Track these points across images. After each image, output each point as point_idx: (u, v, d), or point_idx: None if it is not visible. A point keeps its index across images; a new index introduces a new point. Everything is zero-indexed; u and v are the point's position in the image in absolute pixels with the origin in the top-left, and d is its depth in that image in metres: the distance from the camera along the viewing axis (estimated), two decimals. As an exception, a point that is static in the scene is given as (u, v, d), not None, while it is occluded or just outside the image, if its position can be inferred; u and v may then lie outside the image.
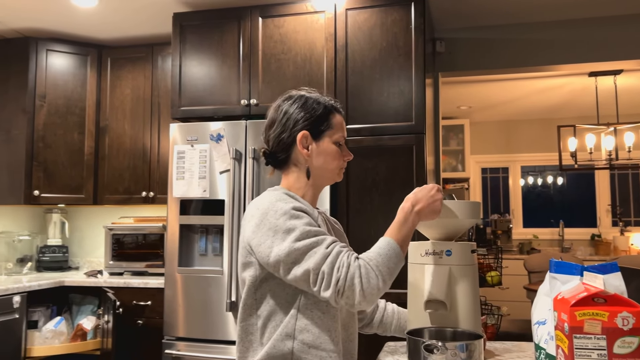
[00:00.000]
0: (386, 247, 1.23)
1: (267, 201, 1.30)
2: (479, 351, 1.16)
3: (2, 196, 3.45)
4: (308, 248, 1.21)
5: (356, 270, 1.17)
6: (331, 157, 1.40)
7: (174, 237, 2.93)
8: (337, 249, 1.21)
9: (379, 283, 1.18)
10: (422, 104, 2.74)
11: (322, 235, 1.24)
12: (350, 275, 1.17)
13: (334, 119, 1.41)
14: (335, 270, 1.17)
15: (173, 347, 2.86)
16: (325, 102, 1.41)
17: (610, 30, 3.39)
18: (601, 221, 6.57)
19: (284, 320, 1.28)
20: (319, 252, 1.20)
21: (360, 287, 1.16)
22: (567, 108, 6.17)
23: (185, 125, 2.98)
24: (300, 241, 1.21)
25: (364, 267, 1.18)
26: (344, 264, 1.18)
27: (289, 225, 1.24)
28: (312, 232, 1.23)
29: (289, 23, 2.99)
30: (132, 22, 3.46)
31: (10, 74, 3.50)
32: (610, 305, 1.03)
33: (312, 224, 1.26)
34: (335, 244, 1.23)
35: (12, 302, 2.88)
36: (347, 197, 2.80)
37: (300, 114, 1.38)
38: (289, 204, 1.27)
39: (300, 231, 1.22)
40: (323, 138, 1.39)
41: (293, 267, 1.21)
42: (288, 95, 1.44)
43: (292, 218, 1.25)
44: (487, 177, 7.04)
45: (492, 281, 3.47)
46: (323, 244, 1.21)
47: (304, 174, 1.40)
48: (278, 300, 1.29)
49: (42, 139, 3.48)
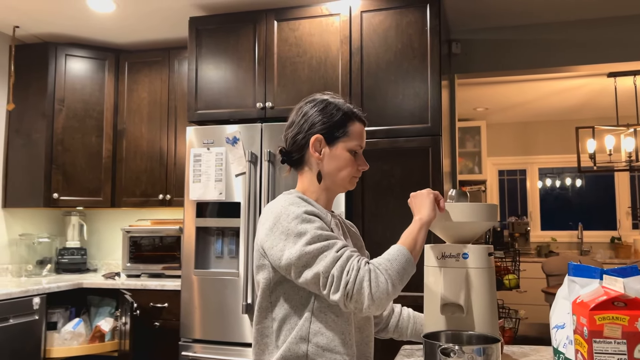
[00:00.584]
0: (396, 252, 1.24)
1: (280, 205, 1.31)
2: (496, 355, 1.15)
3: (23, 199, 3.50)
4: (319, 251, 1.22)
5: (365, 274, 1.18)
6: (343, 164, 1.40)
7: (191, 240, 2.95)
8: (347, 253, 1.22)
9: (388, 287, 1.18)
10: (437, 106, 2.73)
11: (333, 240, 1.24)
12: (359, 279, 1.17)
13: (352, 127, 1.41)
14: (344, 273, 1.18)
15: (189, 349, 2.88)
16: (347, 109, 1.41)
17: (630, 29, 3.34)
18: (621, 224, 6.47)
19: (298, 323, 1.29)
20: (329, 255, 1.21)
21: (369, 290, 1.17)
22: (586, 109, 6.09)
23: (201, 128, 3.00)
24: (311, 245, 1.22)
25: (374, 272, 1.19)
26: (354, 268, 1.18)
27: (301, 228, 1.25)
28: (323, 236, 1.24)
29: (304, 26, 2.99)
30: (148, 27, 3.50)
31: (30, 79, 3.56)
32: (630, 309, 1.01)
33: (323, 227, 1.27)
34: (345, 248, 1.23)
35: (32, 303, 2.92)
36: (362, 200, 2.80)
37: (317, 117, 1.39)
38: (301, 208, 1.28)
39: (312, 235, 1.23)
40: (337, 144, 1.39)
41: (304, 270, 1.23)
42: (312, 98, 1.45)
43: (304, 222, 1.25)
44: (505, 179, 6.97)
45: (509, 284, 3.44)
46: (334, 248, 1.22)
47: (316, 176, 1.41)
48: (292, 303, 1.30)
49: (61, 142, 3.53)
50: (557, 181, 6.88)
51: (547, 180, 6.88)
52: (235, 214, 2.89)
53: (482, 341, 1.26)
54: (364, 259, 1.22)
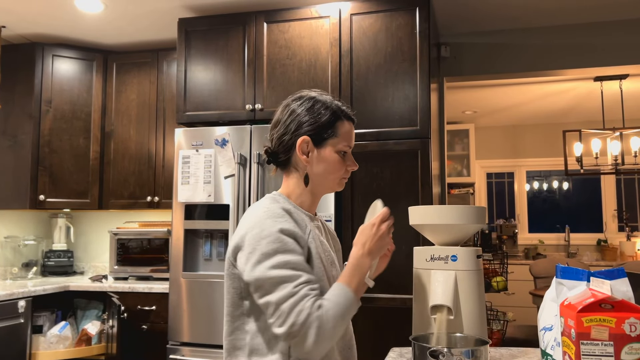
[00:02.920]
0: (344, 296, 1.19)
1: (258, 216, 1.25)
2: (484, 357, 1.15)
3: (8, 201, 3.46)
4: (278, 280, 1.17)
5: (314, 321, 1.13)
6: (332, 166, 1.34)
7: (179, 242, 2.93)
8: (303, 292, 1.16)
9: (333, 333, 1.16)
10: (427, 109, 2.74)
11: (297, 271, 1.19)
12: (307, 325, 1.13)
13: (341, 127, 1.34)
14: (294, 313, 1.14)
15: (178, 352, 2.86)
16: (335, 108, 1.35)
17: (616, 34, 3.38)
18: (607, 226, 6.53)
19: (273, 336, 1.23)
20: (286, 288, 1.16)
21: (313, 338, 1.13)
22: (573, 113, 6.15)
23: (190, 130, 2.99)
24: (273, 270, 1.17)
25: (322, 319, 1.14)
26: (305, 311, 1.14)
27: (269, 249, 1.19)
28: (289, 264, 1.18)
29: (294, 28, 2.99)
30: (137, 28, 3.48)
31: (16, 79, 3.52)
32: (617, 312, 1.02)
33: (295, 251, 1.21)
34: (304, 285, 1.17)
35: (17, 306, 2.88)
36: (351, 202, 2.80)
37: (305, 117, 1.33)
38: (277, 225, 1.22)
39: (277, 259, 1.18)
40: (325, 146, 1.33)
41: (259, 291, 1.19)
42: (299, 95, 1.38)
43: (275, 242, 1.20)
44: (493, 182, 7.02)
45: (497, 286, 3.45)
46: (294, 282, 1.16)
47: (303, 179, 1.35)
48: (262, 313, 1.24)
49: (48, 144, 3.50)
50: (544, 184, 6.93)
51: (535, 183, 6.94)
52: (224, 216, 2.87)
53: (471, 343, 1.26)
54: (318, 302, 1.16)
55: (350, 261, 1.25)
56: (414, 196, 2.70)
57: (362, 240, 1.26)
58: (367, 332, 2.68)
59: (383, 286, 2.69)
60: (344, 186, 1.42)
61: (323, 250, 1.33)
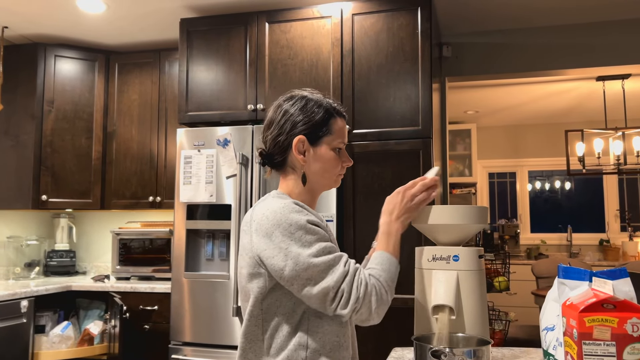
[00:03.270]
0: (387, 262, 1.28)
1: (279, 211, 1.24)
2: (486, 357, 1.15)
3: (11, 201, 3.47)
4: (327, 265, 1.20)
5: (372, 289, 1.21)
6: (329, 164, 1.36)
7: (181, 242, 2.94)
8: (353, 267, 1.23)
9: (389, 298, 1.24)
10: (428, 109, 2.74)
11: (337, 252, 1.25)
12: (368, 294, 1.20)
13: (335, 125, 1.36)
14: (354, 289, 1.20)
15: (179, 352, 2.86)
16: (328, 106, 1.36)
17: (618, 34, 3.37)
18: (610, 226, 6.52)
19: (292, 330, 1.25)
20: (338, 270, 1.21)
21: (376, 305, 1.20)
22: (575, 113, 6.14)
23: (192, 130, 2.99)
24: (318, 257, 1.20)
25: (377, 285, 1.22)
26: (362, 282, 1.21)
27: (306, 240, 1.22)
28: (327, 249, 1.23)
29: (296, 28, 2.99)
30: (139, 28, 3.48)
31: (19, 79, 3.53)
32: (619, 311, 1.02)
33: (326, 238, 1.26)
34: (349, 261, 1.24)
35: (19, 306, 2.89)
36: (353, 202, 2.80)
37: (299, 116, 1.33)
38: (303, 217, 1.24)
39: (318, 247, 1.22)
40: (321, 144, 1.34)
41: (309, 283, 1.20)
42: (290, 95, 1.38)
43: (309, 233, 1.23)
44: (495, 182, 7.01)
45: (499, 287, 3.45)
46: (341, 262, 1.22)
47: (300, 178, 1.36)
48: (285, 309, 1.25)
49: (50, 144, 3.50)
50: (546, 184, 6.92)
51: (537, 183, 6.93)
52: (226, 216, 2.88)
53: (473, 343, 1.26)
54: (366, 271, 1.24)
55: (381, 229, 1.34)
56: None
57: (389, 208, 1.35)
58: (368, 332, 2.68)
59: (385, 286, 2.69)
60: (340, 183, 1.43)
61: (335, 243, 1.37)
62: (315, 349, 1.25)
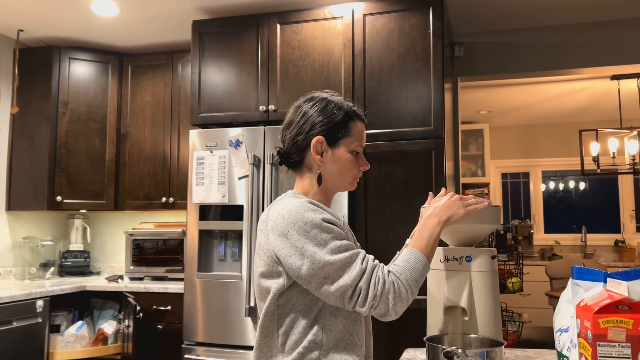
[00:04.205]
0: (414, 259, 1.25)
1: (295, 210, 1.25)
2: (499, 358, 1.15)
3: (26, 202, 3.51)
4: (343, 263, 1.21)
5: (390, 286, 1.20)
6: (345, 166, 1.36)
7: (194, 243, 2.95)
8: (370, 264, 1.22)
9: (409, 296, 1.22)
10: (440, 109, 2.73)
11: (354, 250, 1.24)
12: (385, 291, 1.19)
13: (354, 127, 1.37)
14: (372, 286, 1.19)
15: (192, 352, 2.88)
16: (347, 108, 1.37)
17: (633, 32, 3.34)
18: (625, 227, 6.44)
19: (307, 327, 1.26)
20: (355, 267, 1.21)
21: (393, 302, 1.19)
22: (589, 112, 6.08)
23: (204, 131, 3.01)
24: (334, 255, 1.21)
25: (396, 283, 1.21)
26: (380, 280, 1.20)
27: (322, 238, 1.22)
28: (344, 246, 1.23)
29: (307, 29, 3.00)
30: (152, 30, 3.51)
31: (34, 82, 3.58)
32: (634, 313, 1.01)
33: (342, 236, 1.26)
34: (367, 258, 1.24)
35: (35, 306, 2.92)
36: (365, 202, 2.79)
37: (318, 117, 1.34)
38: (318, 215, 1.25)
39: (334, 245, 1.22)
40: (339, 145, 1.35)
41: (326, 282, 1.20)
42: (310, 96, 1.39)
43: (324, 231, 1.23)
44: (508, 182, 6.96)
45: (513, 288, 3.42)
46: (358, 259, 1.22)
47: (316, 178, 1.37)
48: (300, 306, 1.27)
49: (64, 145, 3.54)
50: (560, 184, 6.86)
51: (551, 183, 6.87)
52: (238, 216, 2.89)
53: (486, 344, 1.25)
54: (385, 268, 1.23)
55: (419, 224, 1.34)
56: (427, 197, 2.68)
57: (434, 204, 1.36)
58: (380, 333, 2.67)
59: (397, 287, 2.68)
60: (356, 186, 1.43)
61: (354, 241, 1.37)
62: (329, 346, 1.25)
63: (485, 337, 1.28)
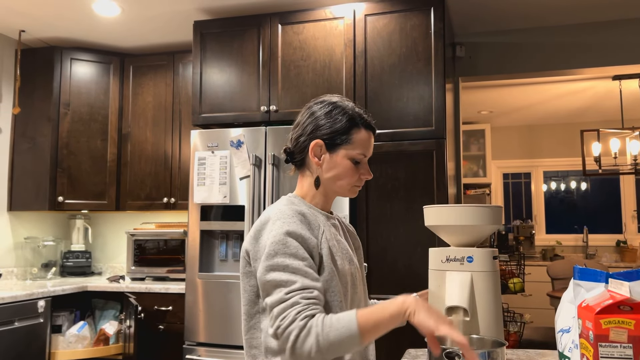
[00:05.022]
0: (346, 326, 1.12)
1: (271, 216, 1.28)
2: (501, 359, 1.15)
3: (28, 202, 3.52)
4: (275, 284, 1.19)
5: (294, 330, 1.13)
6: (342, 173, 1.34)
7: (195, 243, 2.95)
8: (294, 299, 1.16)
9: (312, 352, 1.12)
10: (442, 109, 2.73)
11: (296, 276, 1.19)
12: (287, 332, 1.14)
13: (356, 135, 1.34)
14: (279, 318, 1.16)
15: (194, 352, 2.88)
16: (353, 115, 1.35)
17: (635, 33, 3.33)
18: (626, 227, 6.44)
19: None
20: (279, 293, 1.18)
21: (291, 345, 1.13)
22: (591, 112, 6.07)
23: (205, 131, 3.01)
24: (273, 272, 1.20)
25: (305, 331, 1.13)
26: (289, 318, 1.14)
27: (271, 250, 1.22)
28: (289, 267, 1.19)
29: (308, 30, 3.00)
30: (153, 31, 3.51)
31: (36, 82, 3.58)
32: (636, 313, 1.01)
33: (296, 255, 1.21)
34: (297, 292, 1.17)
35: (36, 306, 2.92)
36: (366, 203, 2.79)
37: (321, 121, 1.34)
38: (285, 227, 1.24)
39: (277, 262, 1.20)
40: (338, 151, 1.34)
41: (263, 292, 1.24)
42: (321, 99, 1.39)
43: (278, 244, 1.22)
44: (509, 183, 6.96)
45: (514, 288, 3.42)
46: (287, 288, 1.18)
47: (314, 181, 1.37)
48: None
49: (66, 146, 3.55)
50: (562, 184, 6.86)
51: (552, 183, 6.86)
52: (239, 217, 2.89)
53: (488, 345, 1.25)
54: (305, 312, 1.14)
55: (386, 303, 1.17)
56: (429, 197, 2.69)
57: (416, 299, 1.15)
58: (382, 333, 2.67)
59: (398, 287, 2.68)
60: (356, 194, 1.40)
61: (340, 249, 1.33)
62: None
63: (487, 337, 1.28)
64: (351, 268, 1.35)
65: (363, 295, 1.42)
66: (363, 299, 1.41)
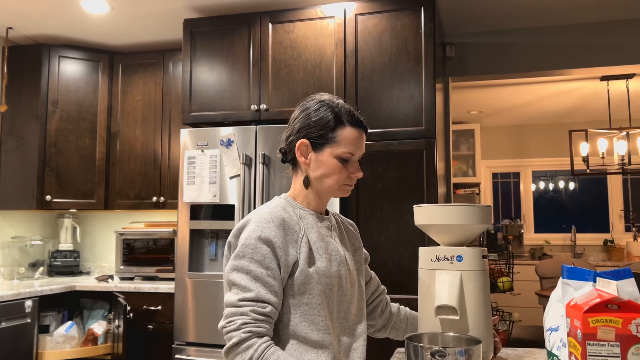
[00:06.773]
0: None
1: (254, 217, 1.29)
2: (477, 355, 1.15)
3: (15, 201, 3.48)
4: (233, 284, 1.23)
5: (235, 337, 1.17)
6: (329, 171, 1.32)
7: (184, 242, 2.94)
8: (244, 310, 1.19)
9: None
10: (432, 109, 2.74)
11: (255, 283, 1.21)
12: (229, 336, 1.19)
13: (342, 133, 1.32)
14: (226, 320, 1.20)
15: (183, 352, 2.87)
16: (339, 113, 1.33)
17: (623, 34, 3.36)
18: (614, 226, 6.50)
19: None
20: (236, 296, 1.21)
21: (228, 350, 1.18)
22: (579, 112, 6.13)
23: (195, 130, 3.00)
24: (235, 272, 1.23)
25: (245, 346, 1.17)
26: (234, 325, 1.18)
27: (239, 251, 1.24)
28: (251, 273, 1.22)
29: (299, 29, 2.99)
30: (143, 29, 3.49)
31: (23, 80, 3.54)
32: (624, 312, 1.01)
33: (262, 262, 1.22)
34: (250, 303, 1.19)
35: (24, 306, 2.90)
36: (357, 202, 2.80)
37: (307, 120, 1.33)
38: (258, 231, 1.24)
39: (242, 264, 1.23)
40: (323, 150, 1.32)
41: (224, 286, 1.28)
42: (312, 97, 1.38)
43: (248, 247, 1.24)
44: (498, 182, 7.00)
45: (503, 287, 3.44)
46: (243, 294, 1.20)
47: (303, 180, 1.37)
48: None
49: (54, 144, 3.51)
50: (550, 184, 6.91)
51: (541, 183, 6.91)
52: (229, 216, 2.88)
53: (465, 343, 1.26)
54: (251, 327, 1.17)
55: None
56: (419, 196, 2.70)
57: None
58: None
59: (388, 287, 2.69)
60: (348, 194, 1.38)
61: (327, 251, 1.32)
62: (296, 342, 1.26)
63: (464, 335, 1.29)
64: (340, 270, 1.32)
65: (356, 297, 1.38)
66: (355, 301, 1.38)
